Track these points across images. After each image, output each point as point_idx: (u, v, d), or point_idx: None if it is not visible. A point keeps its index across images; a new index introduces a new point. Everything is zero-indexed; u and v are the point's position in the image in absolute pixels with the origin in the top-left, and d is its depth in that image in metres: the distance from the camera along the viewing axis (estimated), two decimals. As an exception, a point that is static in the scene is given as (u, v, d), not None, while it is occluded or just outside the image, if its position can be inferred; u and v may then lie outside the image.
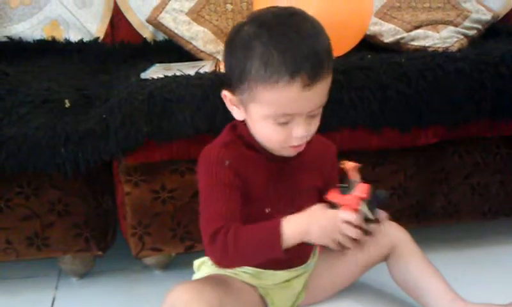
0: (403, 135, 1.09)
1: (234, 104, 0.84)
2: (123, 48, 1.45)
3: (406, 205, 1.16)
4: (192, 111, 0.99)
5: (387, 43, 1.39)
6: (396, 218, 1.04)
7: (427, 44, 1.36)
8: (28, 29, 1.41)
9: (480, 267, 1.16)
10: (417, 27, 1.39)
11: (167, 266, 1.17)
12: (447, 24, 1.41)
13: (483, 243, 1.25)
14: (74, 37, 1.42)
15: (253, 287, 0.93)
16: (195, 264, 0.98)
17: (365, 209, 0.79)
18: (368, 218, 0.79)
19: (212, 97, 0.98)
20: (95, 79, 1.22)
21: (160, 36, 1.46)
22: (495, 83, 1.08)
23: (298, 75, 0.75)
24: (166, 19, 1.37)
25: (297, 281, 0.95)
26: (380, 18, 1.42)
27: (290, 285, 0.95)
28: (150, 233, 1.06)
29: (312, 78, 0.76)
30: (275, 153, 0.85)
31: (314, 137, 0.85)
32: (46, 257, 1.09)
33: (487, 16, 1.46)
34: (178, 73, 1.09)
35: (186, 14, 1.38)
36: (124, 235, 1.10)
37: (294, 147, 0.82)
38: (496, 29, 1.48)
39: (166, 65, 1.24)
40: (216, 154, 0.85)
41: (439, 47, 1.32)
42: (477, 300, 0.92)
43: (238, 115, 0.85)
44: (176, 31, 1.36)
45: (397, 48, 1.38)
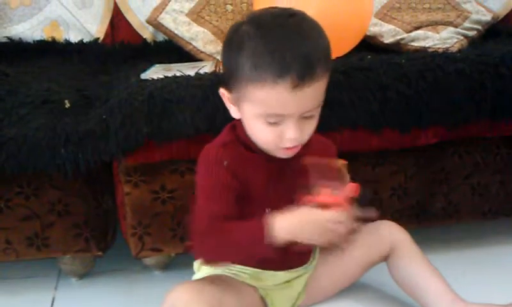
0: (403, 135, 1.09)
1: (231, 102, 0.84)
2: (123, 48, 1.45)
3: (406, 205, 1.16)
4: (192, 112, 0.99)
5: (387, 44, 1.40)
6: (396, 218, 1.04)
7: (427, 45, 1.36)
8: (28, 30, 1.41)
9: (480, 267, 1.16)
10: (417, 27, 1.39)
11: (167, 266, 1.17)
12: (447, 25, 1.41)
13: (483, 243, 1.25)
14: (74, 38, 1.43)
15: (253, 288, 0.93)
16: (195, 264, 0.98)
17: (355, 208, 0.80)
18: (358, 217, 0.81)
19: (212, 97, 0.98)
20: (95, 80, 1.22)
21: (160, 37, 1.46)
22: (495, 83, 1.08)
23: (286, 76, 0.75)
24: (166, 20, 1.37)
25: (297, 282, 0.95)
26: (380, 19, 1.43)
27: (290, 286, 0.95)
28: (150, 234, 1.06)
29: (301, 79, 0.75)
30: (272, 154, 0.85)
31: (314, 137, 0.85)
32: (46, 257, 1.09)
33: (487, 17, 1.46)
34: (178, 73, 1.09)
35: (186, 15, 1.38)
36: (124, 235, 1.11)
37: (287, 149, 0.82)
38: (496, 30, 1.48)
39: (166, 66, 1.24)
40: (215, 154, 0.85)
41: (439, 48, 1.32)
42: (477, 300, 0.92)
43: (235, 114, 0.85)
44: (176, 32, 1.37)
45: (397, 49, 1.38)
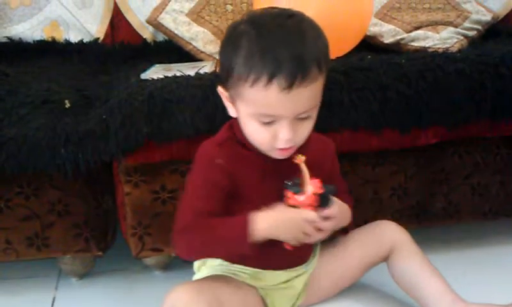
0: (403, 135, 1.09)
1: (228, 100, 0.84)
2: (123, 48, 1.45)
3: (406, 206, 1.16)
4: (192, 112, 0.99)
5: (387, 44, 1.40)
6: (396, 218, 1.04)
7: (427, 45, 1.36)
8: (28, 30, 1.41)
9: (480, 267, 1.15)
10: (417, 27, 1.39)
11: (167, 266, 1.17)
12: (447, 25, 1.41)
13: (483, 243, 1.25)
14: (74, 38, 1.43)
15: (253, 288, 0.93)
16: (195, 264, 0.98)
17: (320, 204, 0.83)
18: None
19: (212, 97, 0.98)
20: (95, 80, 1.22)
21: (160, 37, 1.46)
22: (495, 83, 1.08)
23: (276, 77, 0.75)
24: (166, 20, 1.37)
25: (297, 281, 0.95)
26: (380, 19, 1.43)
27: (290, 286, 0.95)
28: (150, 234, 1.06)
29: (291, 81, 0.75)
30: (267, 154, 0.85)
31: (313, 135, 0.85)
32: (46, 257, 1.09)
33: (487, 17, 1.46)
34: (178, 73, 1.09)
35: (186, 15, 1.38)
36: (124, 236, 1.10)
37: (282, 150, 0.82)
38: (496, 30, 1.48)
39: (166, 66, 1.24)
40: (208, 151, 0.86)
41: (439, 48, 1.32)
42: (478, 300, 0.92)
43: (232, 112, 0.85)
44: (176, 32, 1.37)
45: (397, 49, 1.38)
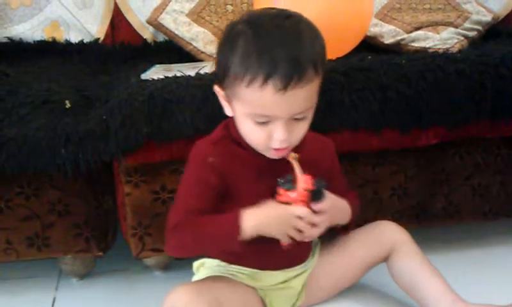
0: (403, 136, 1.09)
1: (225, 100, 0.85)
2: (123, 49, 1.45)
3: (407, 206, 1.16)
4: (192, 112, 0.99)
5: (387, 45, 1.40)
6: (396, 219, 1.04)
7: (427, 45, 1.36)
8: (28, 30, 1.41)
9: (481, 268, 1.15)
10: (417, 28, 1.39)
11: (167, 267, 1.17)
12: (448, 25, 1.41)
13: (484, 244, 1.25)
14: (74, 38, 1.43)
15: (253, 288, 0.93)
16: (194, 265, 0.98)
17: (312, 199, 0.83)
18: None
19: (212, 98, 0.97)
20: (95, 80, 1.22)
21: (160, 37, 1.46)
22: (495, 84, 1.08)
23: (272, 78, 0.75)
24: (167, 20, 1.37)
25: (295, 282, 0.95)
26: (380, 19, 1.43)
27: (288, 286, 0.95)
28: (151, 234, 1.06)
29: (287, 82, 0.75)
30: (263, 154, 0.85)
31: (310, 135, 0.85)
32: (46, 257, 1.09)
33: (487, 17, 1.46)
34: (178, 74, 1.09)
35: (186, 15, 1.38)
36: (124, 236, 1.11)
37: (277, 150, 0.82)
38: (496, 31, 1.48)
39: (166, 66, 1.24)
40: (203, 150, 0.86)
41: (439, 48, 1.32)
42: (478, 301, 0.92)
43: (227, 111, 0.85)
44: (176, 32, 1.37)
45: (398, 49, 1.38)
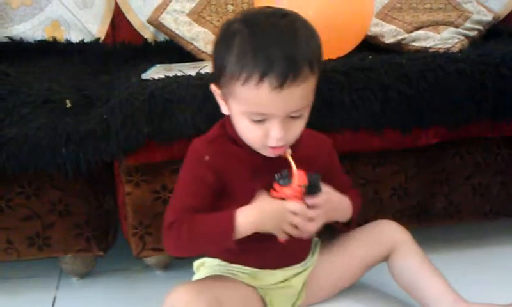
0: (404, 135, 1.08)
1: (221, 98, 0.85)
2: (124, 48, 1.45)
3: (407, 206, 1.16)
4: (193, 111, 0.99)
5: (388, 44, 1.40)
6: (397, 218, 1.04)
7: (428, 45, 1.36)
8: (29, 30, 1.41)
9: (481, 267, 1.15)
10: (418, 28, 1.39)
11: (168, 266, 1.17)
12: (448, 25, 1.41)
13: (484, 243, 1.25)
14: (75, 38, 1.43)
15: (253, 288, 0.93)
16: (194, 265, 0.98)
17: (309, 194, 0.83)
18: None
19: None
20: (96, 80, 1.22)
21: (161, 37, 1.46)
22: (496, 84, 1.08)
23: (267, 76, 0.75)
24: (167, 20, 1.37)
25: (295, 280, 0.95)
26: (381, 19, 1.43)
27: (288, 285, 0.95)
28: (151, 233, 1.06)
29: (282, 80, 0.75)
30: (259, 152, 0.85)
31: (307, 133, 0.85)
32: (47, 257, 1.09)
33: (488, 17, 1.46)
34: (179, 73, 1.09)
35: (187, 15, 1.38)
36: (125, 235, 1.11)
37: (273, 148, 0.82)
38: (497, 30, 1.48)
39: (167, 66, 1.24)
40: (199, 149, 0.86)
41: (440, 48, 1.32)
42: (479, 300, 0.92)
43: (224, 109, 0.86)
44: (177, 32, 1.37)
45: (398, 49, 1.38)
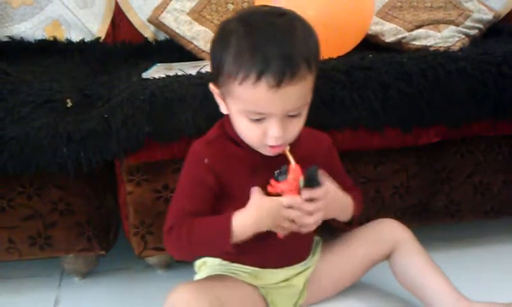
0: (405, 134, 1.09)
1: (220, 98, 0.85)
2: (124, 48, 1.45)
3: (408, 204, 1.16)
4: (193, 111, 0.99)
5: (388, 43, 1.39)
6: (398, 217, 1.04)
7: (428, 43, 1.35)
8: (30, 29, 1.41)
9: (482, 266, 1.16)
10: (419, 26, 1.39)
11: (169, 265, 1.18)
12: (449, 24, 1.40)
13: (485, 242, 1.25)
14: (75, 37, 1.43)
15: (254, 287, 0.93)
16: (196, 265, 0.98)
17: (306, 187, 0.82)
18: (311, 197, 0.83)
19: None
20: (97, 79, 1.22)
21: (161, 36, 1.46)
22: (497, 82, 1.08)
23: (264, 75, 0.75)
24: (168, 19, 1.37)
25: (297, 280, 0.95)
26: (381, 17, 1.42)
27: (290, 284, 0.95)
28: (153, 233, 1.06)
29: (279, 79, 0.75)
30: (258, 151, 0.85)
31: (305, 131, 0.85)
32: (49, 256, 1.09)
33: (488, 15, 1.46)
34: (179, 72, 1.09)
35: (187, 14, 1.38)
36: (126, 235, 1.11)
37: (272, 147, 0.82)
38: (497, 29, 1.48)
39: (168, 65, 1.24)
40: (198, 150, 0.87)
41: (440, 47, 1.32)
42: (480, 299, 0.92)
43: (223, 109, 0.86)
44: (177, 31, 1.37)
45: (399, 47, 1.38)
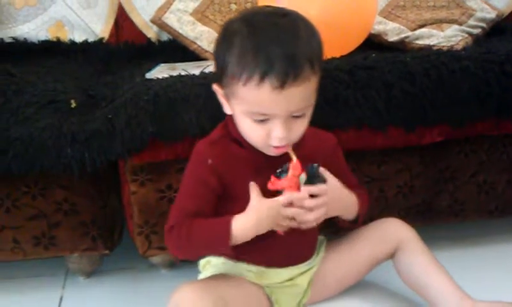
0: (408, 134, 1.08)
1: (224, 98, 0.85)
2: (127, 48, 1.45)
3: (412, 204, 1.16)
4: (197, 111, 0.99)
5: (392, 42, 1.39)
6: (402, 216, 1.04)
7: (431, 43, 1.35)
8: (33, 30, 1.41)
9: (486, 265, 1.15)
10: (422, 25, 1.39)
11: (173, 265, 1.18)
12: (452, 23, 1.40)
13: (489, 241, 1.25)
14: (79, 37, 1.43)
15: (259, 286, 0.93)
16: (200, 264, 0.98)
17: (307, 184, 0.82)
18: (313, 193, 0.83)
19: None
20: (100, 79, 1.22)
21: (164, 36, 1.46)
22: (500, 81, 1.08)
23: (268, 76, 0.75)
24: (171, 19, 1.38)
25: (301, 279, 0.95)
26: (384, 17, 1.42)
27: (294, 283, 0.95)
28: (157, 232, 1.06)
29: (283, 80, 0.75)
30: (262, 151, 0.85)
31: (310, 131, 0.85)
32: (53, 256, 1.10)
33: (491, 14, 1.46)
34: (183, 73, 1.09)
35: (190, 14, 1.38)
36: (131, 234, 1.11)
37: (276, 148, 0.82)
38: (500, 28, 1.48)
39: (171, 65, 1.24)
40: (202, 151, 0.87)
41: (443, 46, 1.32)
42: (484, 298, 0.92)
43: (226, 109, 0.86)
44: (180, 31, 1.37)
45: (402, 47, 1.38)
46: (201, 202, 0.85)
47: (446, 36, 1.36)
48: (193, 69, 1.14)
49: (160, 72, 1.16)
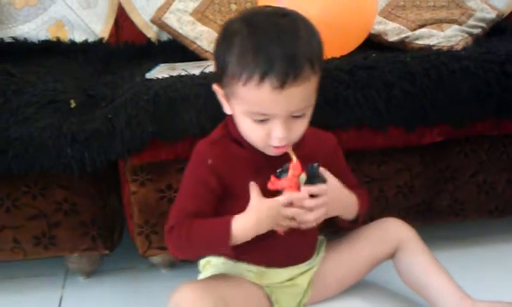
0: (408, 133, 1.09)
1: (224, 98, 0.85)
2: (127, 48, 1.45)
3: (412, 204, 1.16)
4: (197, 110, 0.99)
5: (392, 42, 1.39)
6: (402, 216, 1.04)
7: (431, 43, 1.35)
8: (33, 30, 1.41)
9: (486, 265, 1.15)
10: (422, 25, 1.39)
11: (173, 265, 1.18)
12: (452, 23, 1.40)
13: (489, 241, 1.25)
14: (79, 37, 1.43)
15: (259, 286, 0.93)
16: (200, 264, 0.98)
17: (307, 184, 0.82)
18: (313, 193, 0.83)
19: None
20: (100, 79, 1.22)
21: (164, 36, 1.46)
22: (500, 81, 1.08)
23: (268, 76, 0.75)
24: (171, 19, 1.38)
25: (301, 279, 0.95)
26: (384, 17, 1.42)
27: (294, 283, 0.95)
28: (157, 232, 1.07)
29: (283, 80, 0.75)
30: (262, 151, 0.85)
31: (310, 131, 0.85)
32: (53, 256, 1.10)
33: (491, 14, 1.46)
34: (183, 73, 1.10)
35: (190, 14, 1.38)
36: (131, 234, 1.11)
37: (276, 148, 0.82)
38: (500, 28, 1.48)
39: (171, 65, 1.24)
40: (202, 151, 0.87)
41: (443, 46, 1.32)
42: (484, 298, 0.92)
43: (227, 109, 0.86)
44: (180, 31, 1.37)
45: (402, 47, 1.38)
46: (201, 202, 0.85)
47: (446, 36, 1.36)
48: (193, 69, 1.14)
49: (160, 72, 1.16)
